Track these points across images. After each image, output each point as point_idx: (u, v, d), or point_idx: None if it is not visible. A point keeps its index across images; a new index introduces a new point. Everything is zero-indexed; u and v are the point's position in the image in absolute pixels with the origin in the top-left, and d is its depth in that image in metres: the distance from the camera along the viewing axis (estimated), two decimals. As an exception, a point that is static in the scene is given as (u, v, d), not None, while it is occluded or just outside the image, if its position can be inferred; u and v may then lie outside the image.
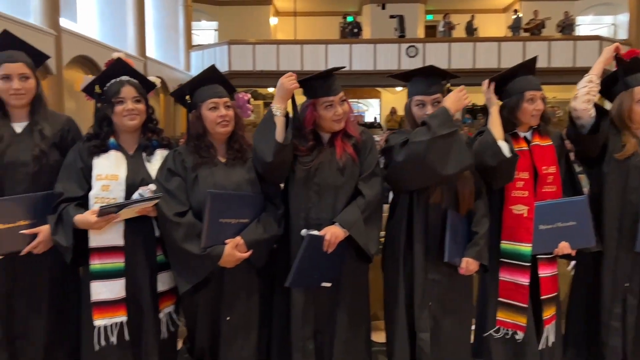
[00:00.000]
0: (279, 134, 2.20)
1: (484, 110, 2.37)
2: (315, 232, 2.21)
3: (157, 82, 2.53)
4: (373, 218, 2.32)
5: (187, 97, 2.38)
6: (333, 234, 2.21)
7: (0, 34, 2.31)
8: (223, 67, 15.64)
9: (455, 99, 2.29)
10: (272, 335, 2.42)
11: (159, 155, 2.36)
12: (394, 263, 2.42)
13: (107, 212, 2.11)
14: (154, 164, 2.33)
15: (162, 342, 2.33)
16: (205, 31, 19.03)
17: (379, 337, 2.55)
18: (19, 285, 2.27)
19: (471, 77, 2.34)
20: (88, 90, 2.36)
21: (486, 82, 2.47)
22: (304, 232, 2.26)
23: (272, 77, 2.50)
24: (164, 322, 2.34)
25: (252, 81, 15.11)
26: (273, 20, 19.70)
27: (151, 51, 13.86)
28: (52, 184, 2.26)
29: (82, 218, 2.15)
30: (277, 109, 2.24)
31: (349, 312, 2.36)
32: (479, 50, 15.28)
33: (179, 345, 2.61)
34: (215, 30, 19.23)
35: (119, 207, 2.12)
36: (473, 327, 2.57)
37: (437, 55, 14.97)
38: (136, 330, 2.27)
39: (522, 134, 2.48)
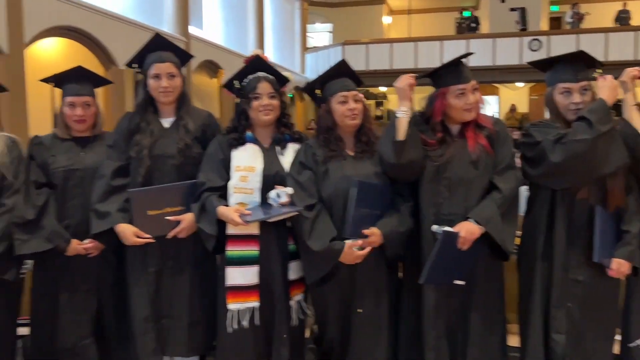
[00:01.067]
0: (401, 133, 2.18)
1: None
2: (449, 228, 2.14)
3: (291, 77, 2.61)
4: (510, 214, 2.21)
5: (318, 91, 2.43)
6: (468, 230, 2.14)
7: (152, 37, 2.52)
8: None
9: (611, 90, 2.12)
10: (400, 333, 2.39)
11: (291, 149, 2.43)
12: (531, 261, 2.28)
13: (251, 221, 2.23)
14: (286, 157, 2.41)
15: (292, 329, 2.39)
16: (320, 33, 19.44)
17: (514, 341, 2.41)
18: (167, 266, 2.45)
19: (604, 70, 2.14)
20: (228, 85, 2.49)
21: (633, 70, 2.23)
22: (434, 227, 2.20)
23: (386, 76, 2.47)
24: (294, 310, 2.40)
25: (365, 81, 15.13)
26: (386, 20, 19.62)
27: (269, 54, 14.43)
28: (195, 175, 2.41)
29: (226, 214, 2.26)
30: (401, 110, 2.22)
31: (483, 312, 2.26)
32: (612, 42, 13.99)
33: (307, 334, 2.68)
34: (330, 32, 19.57)
35: (263, 218, 2.24)
36: (618, 337, 2.35)
37: (563, 48, 13.92)
38: (268, 316, 2.35)
39: None
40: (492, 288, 2.30)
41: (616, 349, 2.34)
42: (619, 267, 2.14)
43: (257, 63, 2.46)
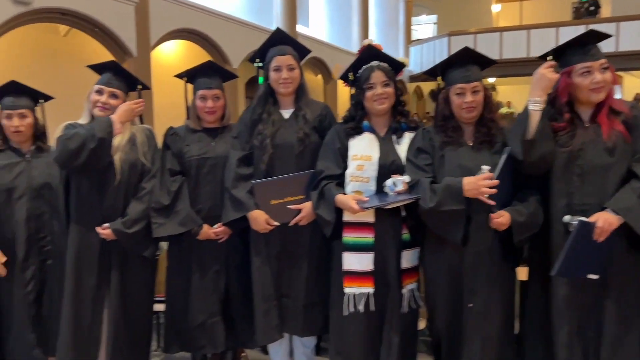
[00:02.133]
0: (532, 130, 2.08)
1: None
2: (584, 219, 2.02)
3: (406, 62, 2.61)
4: None
5: (439, 80, 2.38)
6: (606, 220, 1.99)
7: (274, 32, 2.65)
8: (442, 59, 15.45)
9: None
10: (523, 333, 2.31)
11: (408, 138, 2.42)
12: None
13: (368, 207, 2.26)
14: (402, 146, 2.41)
15: (404, 317, 2.40)
16: (424, 26, 19.08)
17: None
18: (286, 250, 2.56)
19: None
20: (344, 77, 2.55)
21: None
22: (567, 218, 2.09)
23: (495, 66, 2.37)
24: (405, 298, 2.40)
25: (473, 72, 14.68)
26: (495, 8, 18.78)
27: (373, 49, 14.46)
28: (313, 164, 2.50)
29: (344, 201, 2.32)
30: (536, 102, 2.11)
31: (619, 308, 2.10)
32: None
33: (421, 325, 2.67)
34: (434, 23, 19.13)
35: (379, 205, 2.25)
36: None
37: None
38: (381, 303, 2.38)
39: None
40: (630, 283, 2.12)
41: None
42: None
43: (369, 52, 2.48)
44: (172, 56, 9.23)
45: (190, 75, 2.71)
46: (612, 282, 2.10)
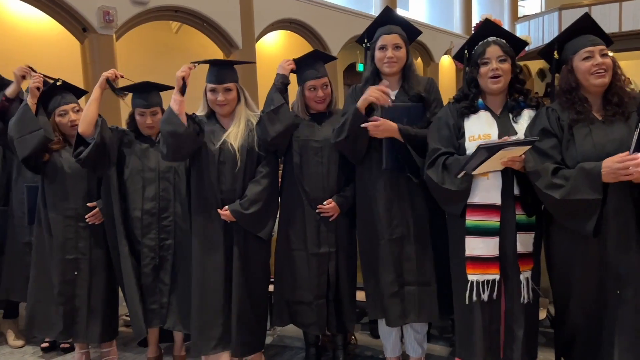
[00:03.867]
0: None
1: None
2: None
3: (529, 40, 2.45)
4: None
5: (555, 53, 2.23)
6: None
7: (383, 11, 2.61)
8: (551, 36, 14.48)
9: None
10: None
11: (527, 116, 2.28)
12: None
13: (488, 146, 2.05)
14: (521, 125, 2.26)
15: (525, 307, 2.26)
16: (531, 1, 17.93)
17: None
18: (403, 233, 2.54)
19: None
20: (458, 56, 2.44)
21: None
22: None
23: (615, 40, 2.13)
24: (523, 286, 2.25)
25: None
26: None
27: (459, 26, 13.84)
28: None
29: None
30: None
31: None
32: None
33: (542, 315, 2.52)
34: (544, -2, 17.94)
35: (498, 146, 2.06)
36: None
37: None
38: (500, 291, 2.26)
39: None
40: None
41: None
42: None
43: (486, 27, 2.36)
44: (275, 47, 9.48)
45: (298, 65, 2.72)
46: None
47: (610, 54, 2.20)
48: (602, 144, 2.03)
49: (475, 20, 14.00)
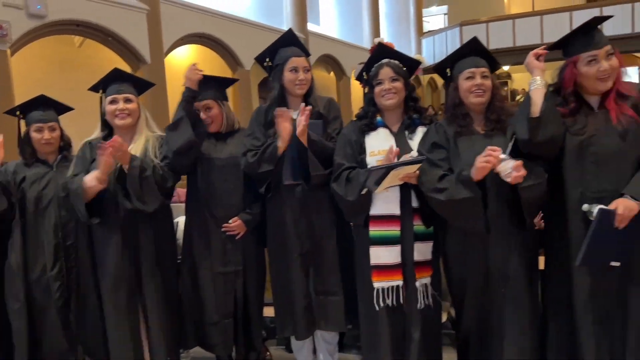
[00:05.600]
0: (536, 108, 2.07)
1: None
2: (603, 207, 2.00)
3: (422, 59, 2.62)
4: None
5: (447, 70, 2.40)
6: (626, 207, 1.97)
7: (286, 33, 2.69)
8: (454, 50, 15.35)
9: None
10: (548, 326, 2.29)
11: (421, 132, 2.43)
12: None
13: (375, 169, 2.20)
14: (415, 141, 2.41)
15: (423, 312, 2.39)
16: (435, 17, 18.95)
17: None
18: (310, 247, 2.61)
19: None
20: (358, 78, 2.57)
21: None
22: (586, 207, 2.07)
23: (509, 54, 2.35)
24: (420, 292, 2.38)
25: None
26: (507, -5, 18.59)
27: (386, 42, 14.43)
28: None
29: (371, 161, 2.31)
30: (534, 81, 2.13)
31: None
32: None
33: (443, 318, 2.67)
34: (445, 14, 18.99)
35: (388, 168, 2.20)
36: None
37: None
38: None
39: None
40: None
41: None
42: None
43: (380, 51, 2.50)
44: (185, 61, 9.32)
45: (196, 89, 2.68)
46: (635, 268, 2.09)
47: (507, 67, 2.41)
48: (480, 153, 2.17)
49: (384, 35, 14.58)
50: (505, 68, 16.46)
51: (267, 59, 2.68)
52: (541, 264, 2.40)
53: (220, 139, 2.75)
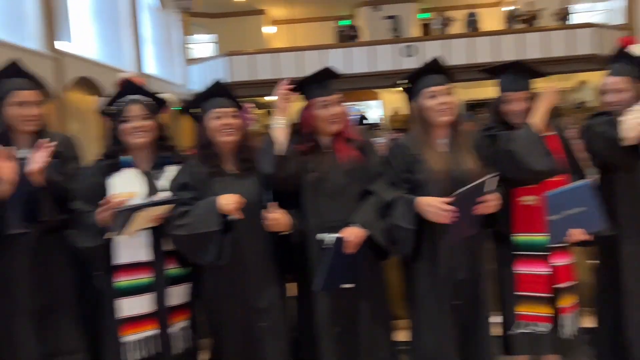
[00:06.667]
0: (280, 145, 2.23)
1: (483, 105, 2.41)
2: (336, 235, 2.23)
3: (171, 98, 2.57)
4: (386, 216, 2.34)
5: (195, 110, 2.41)
6: (353, 234, 2.25)
7: (10, 63, 2.37)
8: (225, 79, 15.61)
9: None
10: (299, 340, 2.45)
11: (171, 172, 2.38)
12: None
13: (124, 209, 2.10)
14: (162, 181, 2.36)
15: (180, 356, 2.35)
16: (204, 44, 19.14)
17: (402, 336, 2.56)
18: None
19: (473, 72, 2.39)
20: (102, 111, 2.41)
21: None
22: (321, 236, 2.30)
23: (274, 85, 2.53)
24: (178, 337, 2.34)
25: (254, 91, 15.18)
26: (270, 29, 19.79)
27: (150, 67, 13.95)
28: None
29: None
30: (277, 122, 2.29)
31: (371, 311, 2.40)
32: (478, 45, 15.29)
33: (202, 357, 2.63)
34: (215, 42, 19.33)
35: (136, 208, 2.11)
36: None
37: (436, 53, 14.97)
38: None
39: None
40: (377, 286, 2.45)
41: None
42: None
43: (128, 86, 2.40)
44: None
45: None
46: (364, 289, 2.38)
47: (270, 97, 2.52)
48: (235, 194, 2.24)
49: (150, 59, 14.13)
50: (268, 98, 17.46)
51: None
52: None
53: None
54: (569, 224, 2.28)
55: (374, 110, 17.77)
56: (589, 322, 2.67)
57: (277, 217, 2.23)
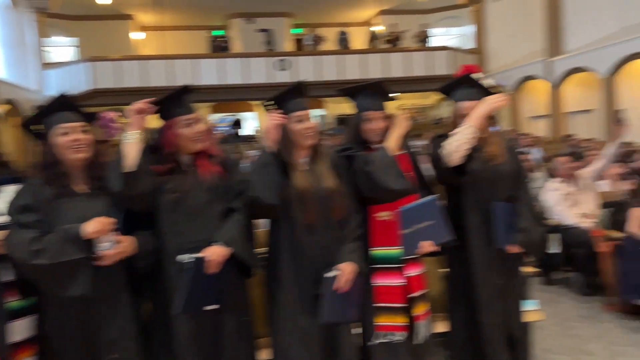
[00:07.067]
0: (131, 162, 2.12)
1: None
2: (196, 255, 2.15)
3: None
4: (250, 233, 2.33)
5: (38, 126, 2.21)
6: (216, 253, 2.18)
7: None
8: (87, 85, 14.68)
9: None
10: None
11: (10, 191, 2.16)
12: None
13: None
14: (2, 201, 2.13)
15: None
16: (63, 48, 17.75)
17: (265, 354, 2.52)
18: None
19: (339, 88, 2.52)
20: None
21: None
22: (180, 257, 2.20)
23: (142, 93, 2.41)
24: None
25: (119, 99, 14.38)
26: (139, 35, 18.90)
27: (1, 70, 12.62)
28: None
29: None
30: (129, 137, 2.16)
31: (235, 331, 2.33)
32: (348, 62, 16.00)
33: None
34: (77, 46, 18.01)
35: None
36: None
37: (308, 68, 15.41)
38: None
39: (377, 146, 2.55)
40: (241, 305, 2.38)
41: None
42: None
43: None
44: None
45: None
46: (228, 308, 2.31)
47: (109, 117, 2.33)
48: (85, 215, 2.10)
49: (0, 62, 12.77)
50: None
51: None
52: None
53: None
54: (420, 237, 2.45)
55: (249, 122, 17.71)
56: (441, 327, 2.87)
57: (120, 240, 2.11)
